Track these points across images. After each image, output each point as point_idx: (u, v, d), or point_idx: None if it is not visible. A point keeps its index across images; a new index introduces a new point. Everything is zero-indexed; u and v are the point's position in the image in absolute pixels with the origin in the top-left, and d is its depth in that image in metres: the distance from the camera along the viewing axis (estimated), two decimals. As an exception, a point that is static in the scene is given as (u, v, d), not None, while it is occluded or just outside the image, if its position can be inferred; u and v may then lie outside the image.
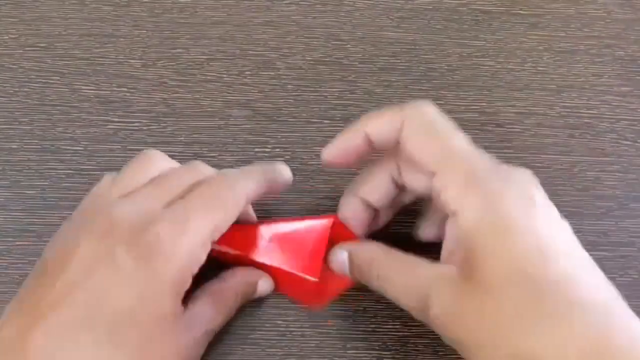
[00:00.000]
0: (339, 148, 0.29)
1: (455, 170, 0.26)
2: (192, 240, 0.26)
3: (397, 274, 0.27)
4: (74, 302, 0.24)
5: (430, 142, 0.27)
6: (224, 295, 0.29)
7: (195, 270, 0.26)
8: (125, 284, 0.25)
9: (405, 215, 0.33)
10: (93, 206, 0.28)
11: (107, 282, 0.25)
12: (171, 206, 0.27)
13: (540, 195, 0.26)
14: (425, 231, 0.31)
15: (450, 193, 0.25)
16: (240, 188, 0.28)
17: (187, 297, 0.27)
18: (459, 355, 0.25)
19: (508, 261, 0.23)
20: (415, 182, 0.29)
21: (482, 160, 0.26)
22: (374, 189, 0.30)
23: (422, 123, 0.27)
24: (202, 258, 0.26)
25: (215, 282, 0.29)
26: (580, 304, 0.22)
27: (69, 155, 0.36)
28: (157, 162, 0.30)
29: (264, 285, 0.31)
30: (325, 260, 0.31)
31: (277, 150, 0.36)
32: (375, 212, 0.31)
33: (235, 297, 0.30)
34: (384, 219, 0.32)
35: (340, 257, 0.30)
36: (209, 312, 0.28)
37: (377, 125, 0.28)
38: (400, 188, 0.30)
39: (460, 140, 0.27)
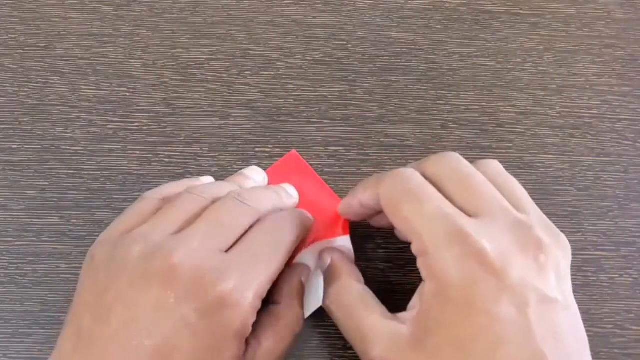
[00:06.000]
0: (345, 207, 0.31)
1: (421, 242, 0.26)
2: (256, 293, 0.26)
3: (354, 312, 0.28)
4: (139, 357, 0.24)
5: (399, 216, 0.27)
6: (282, 322, 0.29)
7: (254, 317, 0.27)
8: (191, 336, 0.25)
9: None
10: (144, 241, 0.27)
11: (172, 335, 0.25)
12: (236, 250, 0.27)
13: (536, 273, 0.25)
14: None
15: (419, 262, 0.26)
16: (293, 235, 0.29)
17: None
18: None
19: (454, 339, 0.24)
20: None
21: (448, 229, 0.26)
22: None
23: (392, 196, 0.27)
24: (259, 305, 0.27)
25: (271, 308, 0.29)
26: None
27: (69, 155, 0.36)
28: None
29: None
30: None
31: (277, 150, 0.36)
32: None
33: (297, 319, 0.30)
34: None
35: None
36: (270, 344, 0.28)
37: (364, 196, 0.29)
38: None
39: (429, 207, 0.26)
